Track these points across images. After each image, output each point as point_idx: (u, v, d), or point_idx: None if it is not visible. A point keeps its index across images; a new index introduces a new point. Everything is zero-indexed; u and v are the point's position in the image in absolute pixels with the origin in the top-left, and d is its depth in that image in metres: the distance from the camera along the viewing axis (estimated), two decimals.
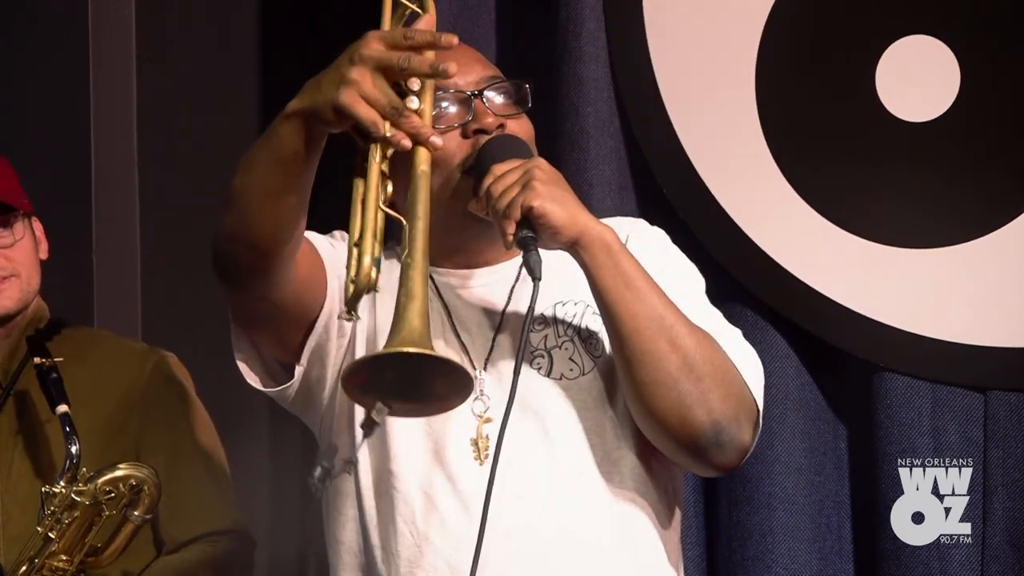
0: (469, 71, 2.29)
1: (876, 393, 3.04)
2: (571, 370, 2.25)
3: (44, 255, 3.08)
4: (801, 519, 3.06)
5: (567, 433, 2.21)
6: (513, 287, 2.31)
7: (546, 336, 2.26)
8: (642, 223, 2.42)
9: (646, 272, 2.17)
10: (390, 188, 1.99)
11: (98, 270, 3.71)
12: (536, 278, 2.10)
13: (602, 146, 3.15)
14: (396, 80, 1.98)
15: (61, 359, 2.91)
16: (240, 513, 3.04)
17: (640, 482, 2.24)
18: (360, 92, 1.97)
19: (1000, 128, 3.02)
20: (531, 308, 2.10)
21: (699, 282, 2.36)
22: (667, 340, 2.14)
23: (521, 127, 2.29)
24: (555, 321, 2.28)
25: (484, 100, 2.27)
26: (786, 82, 3.12)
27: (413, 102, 1.99)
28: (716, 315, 2.30)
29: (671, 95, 3.16)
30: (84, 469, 2.81)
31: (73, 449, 2.81)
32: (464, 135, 2.25)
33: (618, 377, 2.21)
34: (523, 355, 2.14)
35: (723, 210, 3.13)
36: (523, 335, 2.13)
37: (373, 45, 1.98)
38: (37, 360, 2.88)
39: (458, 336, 2.28)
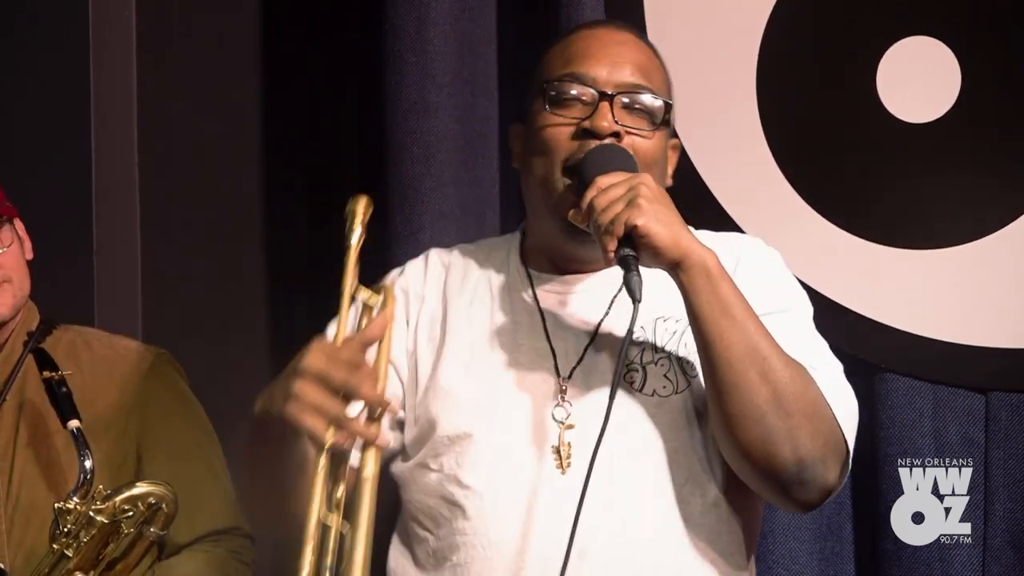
0: (617, 70, 2.27)
1: (877, 394, 3.04)
2: (664, 387, 2.22)
3: (29, 255, 3.05)
4: (802, 520, 3.06)
5: (653, 451, 2.19)
6: (614, 298, 2.29)
7: (643, 350, 2.23)
8: (758, 243, 2.37)
9: (745, 300, 2.13)
10: (340, 492, 2.01)
11: (99, 271, 3.71)
12: (636, 300, 2.08)
13: None
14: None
15: (70, 372, 2.89)
16: (240, 512, 3.04)
17: (722, 509, 2.21)
18: (303, 404, 1.99)
19: (1001, 129, 3.03)
20: (630, 331, 2.08)
21: (805, 310, 2.32)
22: (758, 372, 2.10)
23: (646, 146, 2.26)
24: (654, 336, 2.25)
25: (612, 104, 2.25)
26: (787, 83, 3.13)
27: (352, 409, 2.01)
28: (818, 347, 2.26)
29: (673, 97, 3.15)
30: (100, 487, 2.79)
31: (87, 464, 2.79)
32: (575, 133, 2.24)
33: (708, 404, 2.18)
34: (620, 376, 2.12)
35: (724, 211, 3.13)
36: (620, 356, 2.10)
37: (313, 358, 2.02)
38: (46, 374, 2.86)
39: (549, 342, 2.26)
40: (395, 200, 3.27)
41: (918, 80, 3.06)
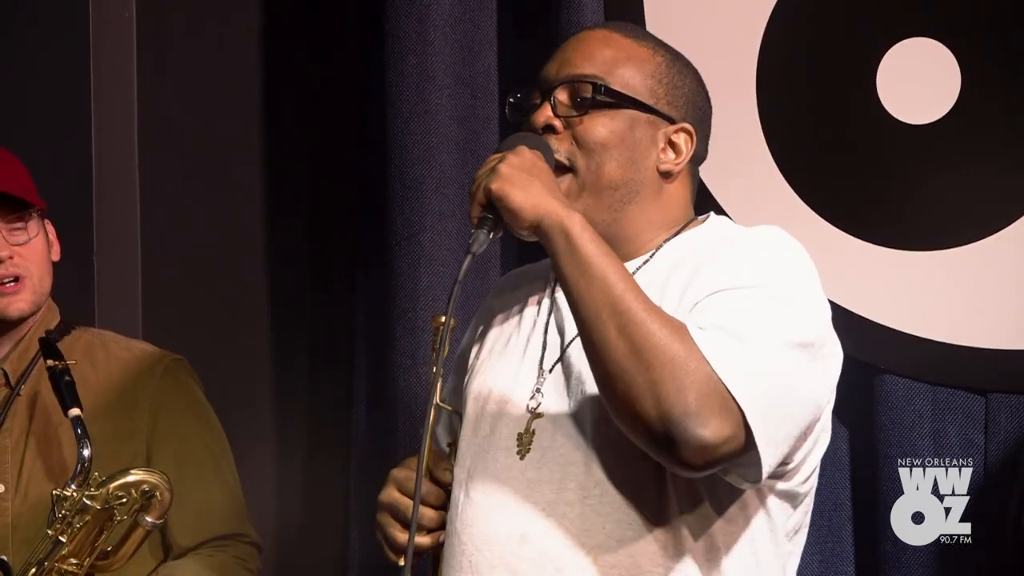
0: (565, 65, 2.30)
1: (877, 395, 3.05)
2: None
3: (56, 257, 3.09)
4: None
5: (610, 444, 2.18)
6: None
7: None
8: (767, 231, 2.31)
9: (611, 259, 2.11)
10: None
11: (99, 272, 3.71)
12: (468, 252, 2.13)
13: None
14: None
15: (74, 362, 2.90)
16: (248, 518, 3.05)
17: (689, 504, 2.18)
18: (381, 534, 2.32)
19: (1001, 130, 3.03)
20: (456, 281, 2.13)
21: (767, 292, 2.18)
22: (616, 327, 2.07)
23: (581, 130, 2.27)
24: None
25: (552, 98, 2.27)
26: (787, 84, 3.13)
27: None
28: (745, 320, 2.13)
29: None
30: (96, 473, 2.80)
31: (85, 453, 2.79)
32: None
33: None
34: (447, 333, 2.20)
35: (724, 212, 3.13)
36: (448, 309, 2.18)
37: (387, 491, 2.31)
38: (50, 363, 2.87)
39: (545, 336, 2.30)
40: (396, 201, 3.27)
41: (918, 82, 3.06)
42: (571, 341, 2.27)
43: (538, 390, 2.26)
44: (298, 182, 3.66)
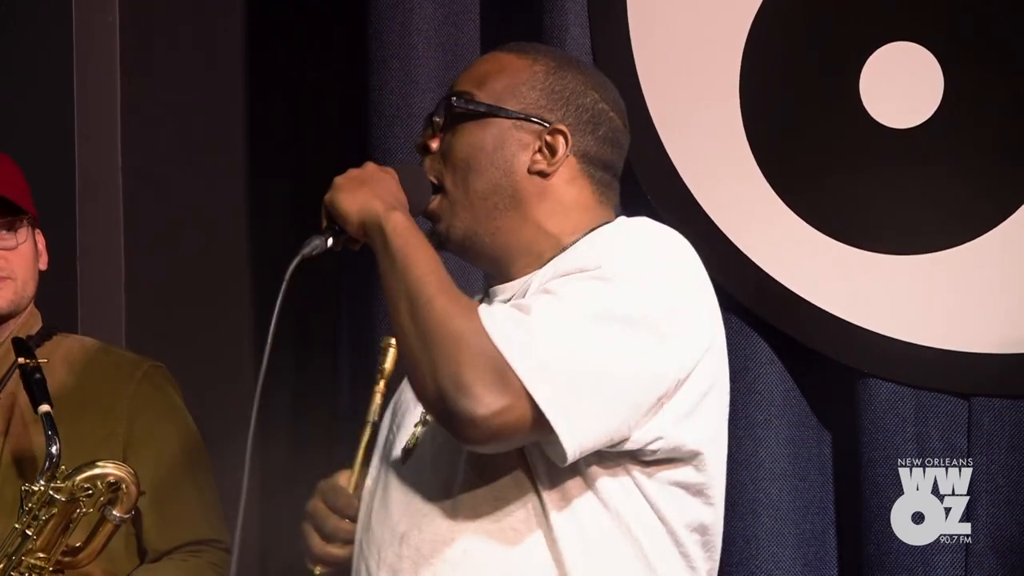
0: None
1: (860, 399, 3.05)
2: None
3: (44, 266, 3.09)
4: (785, 525, 3.07)
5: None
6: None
7: None
8: (635, 222, 2.27)
9: (419, 250, 2.14)
10: None
11: (82, 278, 3.71)
12: (299, 253, 2.22)
13: None
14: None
15: (46, 360, 2.91)
16: (224, 524, 3.04)
17: (559, 496, 2.15)
18: (304, 543, 2.38)
19: (983, 134, 3.04)
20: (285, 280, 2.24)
21: (591, 271, 2.14)
22: (408, 312, 2.11)
23: (439, 145, 2.29)
24: None
25: (431, 121, 2.31)
26: (771, 88, 3.13)
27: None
28: (544, 304, 2.10)
29: (656, 101, 3.16)
30: (63, 467, 2.80)
31: (53, 449, 2.79)
32: None
33: None
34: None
35: (707, 216, 3.13)
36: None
37: (313, 502, 2.38)
38: (22, 360, 2.87)
39: None
40: None
41: (901, 85, 3.07)
42: None
43: None
44: (282, 186, 3.66)
